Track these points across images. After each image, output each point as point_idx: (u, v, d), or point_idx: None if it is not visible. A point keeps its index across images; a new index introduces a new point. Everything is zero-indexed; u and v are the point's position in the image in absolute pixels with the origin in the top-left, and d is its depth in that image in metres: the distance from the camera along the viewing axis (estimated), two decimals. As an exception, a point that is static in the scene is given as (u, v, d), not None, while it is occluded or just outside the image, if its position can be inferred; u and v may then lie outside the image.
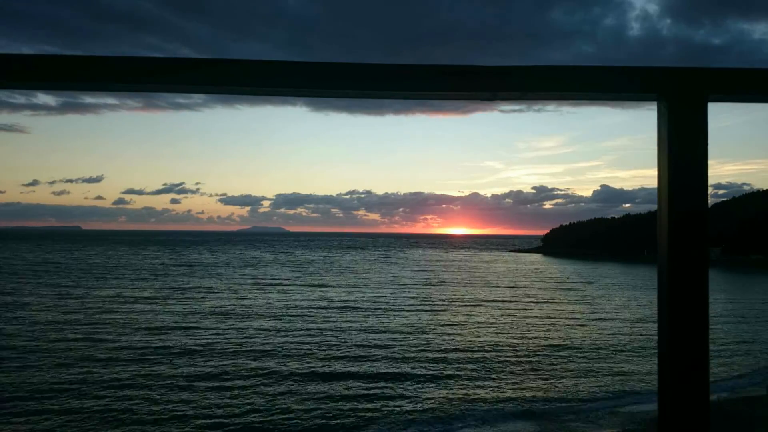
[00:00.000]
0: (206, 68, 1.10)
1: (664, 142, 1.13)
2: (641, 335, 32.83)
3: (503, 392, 21.12)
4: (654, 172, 1.16)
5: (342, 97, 1.16)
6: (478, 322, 36.50)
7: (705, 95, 1.12)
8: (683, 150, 1.11)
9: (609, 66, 1.12)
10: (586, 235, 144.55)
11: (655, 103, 1.15)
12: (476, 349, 28.37)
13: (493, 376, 23.33)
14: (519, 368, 24.62)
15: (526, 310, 43.20)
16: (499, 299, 49.55)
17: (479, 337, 31.51)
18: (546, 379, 22.96)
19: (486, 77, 1.12)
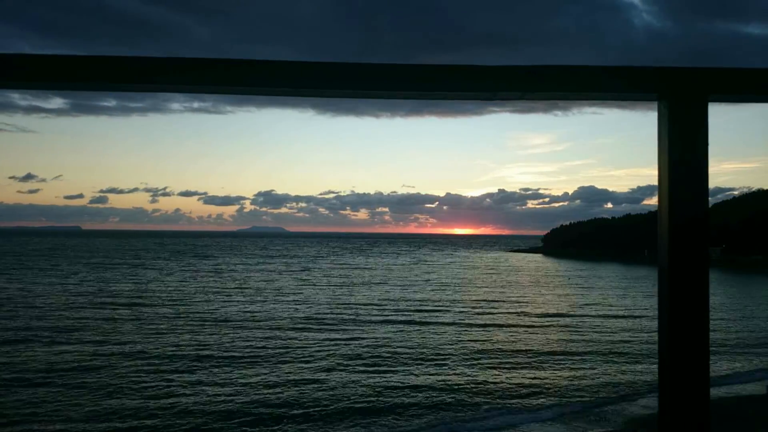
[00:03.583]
0: (207, 68, 1.10)
1: (664, 142, 1.13)
2: (641, 335, 32.84)
3: (504, 393, 21.13)
4: (645, 171, 1.16)
5: (342, 97, 1.16)
6: (483, 323, 36.53)
7: (705, 95, 1.12)
8: (683, 150, 1.11)
9: (609, 66, 1.12)
10: (586, 235, 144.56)
11: (655, 103, 1.15)
12: (477, 350, 28.38)
13: (493, 376, 23.34)
14: (519, 368, 24.62)
15: (525, 309, 43.22)
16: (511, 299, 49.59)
17: (480, 339, 31.52)
18: (547, 380, 22.96)
19: (486, 77, 1.12)
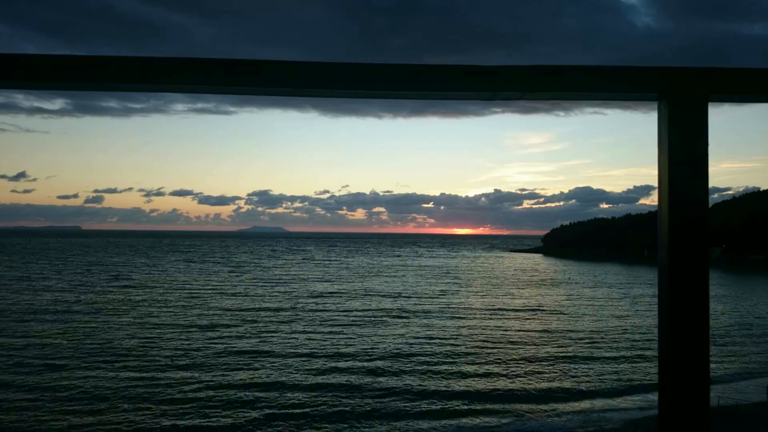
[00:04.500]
0: (208, 68, 1.10)
1: (664, 142, 1.13)
2: (641, 336, 32.82)
3: (503, 393, 21.12)
4: (642, 170, 1.16)
5: (343, 97, 1.16)
6: (477, 324, 36.50)
7: (705, 95, 1.12)
8: (683, 150, 1.11)
9: (609, 66, 1.12)
10: (586, 235, 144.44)
11: (656, 103, 1.15)
12: (475, 350, 28.36)
13: (492, 376, 23.33)
14: (518, 368, 24.61)
15: (526, 309, 43.19)
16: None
17: (478, 338, 31.50)
18: (546, 380, 22.95)
19: (486, 77, 1.12)
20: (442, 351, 27.47)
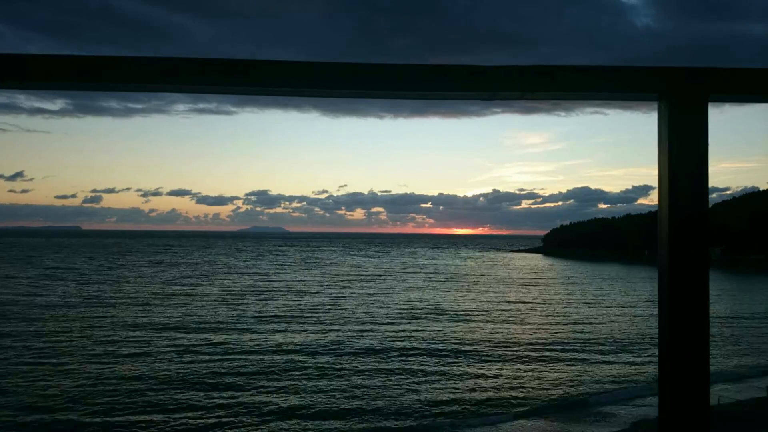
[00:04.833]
0: (207, 68, 1.09)
1: (664, 142, 1.13)
2: (641, 336, 32.82)
3: (505, 393, 21.12)
4: (642, 170, 1.15)
5: (342, 97, 1.16)
6: (475, 320, 36.50)
7: (705, 95, 1.11)
8: (683, 150, 1.11)
9: (609, 66, 1.12)
10: (586, 236, 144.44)
11: (656, 103, 1.15)
12: (475, 347, 28.35)
13: (493, 375, 23.32)
14: (520, 368, 24.60)
15: (527, 309, 43.19)
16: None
17: (478, 334, 31.50)
18: (547, 380, 22.95)
19: (486, 77, 1.11)
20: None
